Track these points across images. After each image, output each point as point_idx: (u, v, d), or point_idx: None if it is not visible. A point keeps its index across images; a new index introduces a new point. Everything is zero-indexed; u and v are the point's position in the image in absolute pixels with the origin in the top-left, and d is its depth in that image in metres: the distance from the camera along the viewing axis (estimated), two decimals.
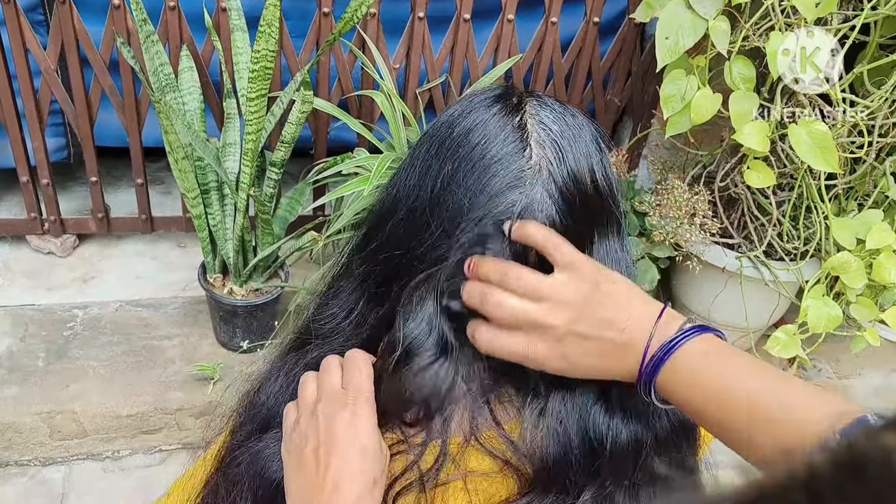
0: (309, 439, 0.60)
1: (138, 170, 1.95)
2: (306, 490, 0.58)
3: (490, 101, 0.62)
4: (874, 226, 1.67)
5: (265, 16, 1.36)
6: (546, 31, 1.93)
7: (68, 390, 1.76)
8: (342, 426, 0.59)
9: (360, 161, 1.79)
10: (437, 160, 0.62)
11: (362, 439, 0.59)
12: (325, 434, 0.59)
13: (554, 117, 0.62)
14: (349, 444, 0.58)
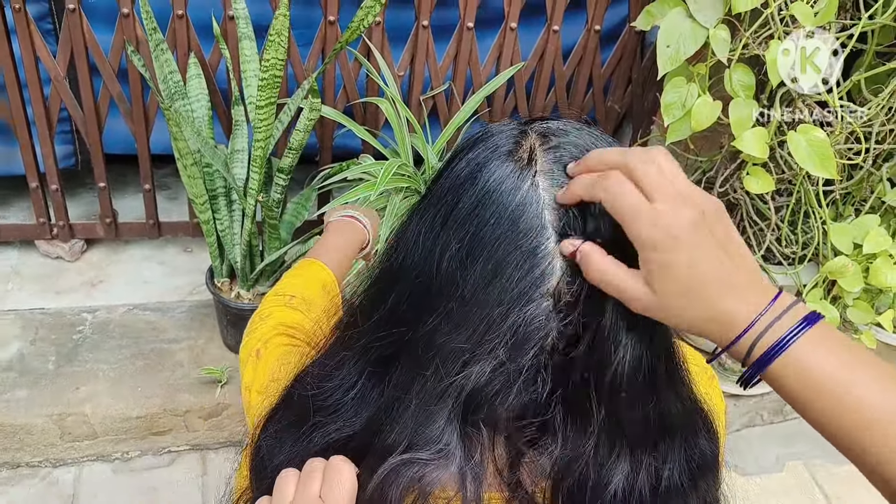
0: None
1: (146, 175, 1.98)
2: None
3: (498, 162, 0.56)
4: (871, 231, 1.71)
5: (274, 25, 1.39)
6: (548, 40, 1.97)
7: (78, 392, 1.79)
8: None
9: (365, 167, 1.83)
10: (445, 233, 0.56)
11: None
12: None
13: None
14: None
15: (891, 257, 1.72)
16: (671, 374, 0.62)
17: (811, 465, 2.12)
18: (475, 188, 0.55)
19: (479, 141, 0.58)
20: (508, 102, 2.05)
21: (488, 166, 0.56)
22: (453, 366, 0.56)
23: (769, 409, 2.18)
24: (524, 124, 0.59)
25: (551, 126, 0.58)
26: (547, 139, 0.57)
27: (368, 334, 0.61)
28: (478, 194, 0.55)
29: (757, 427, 2.19)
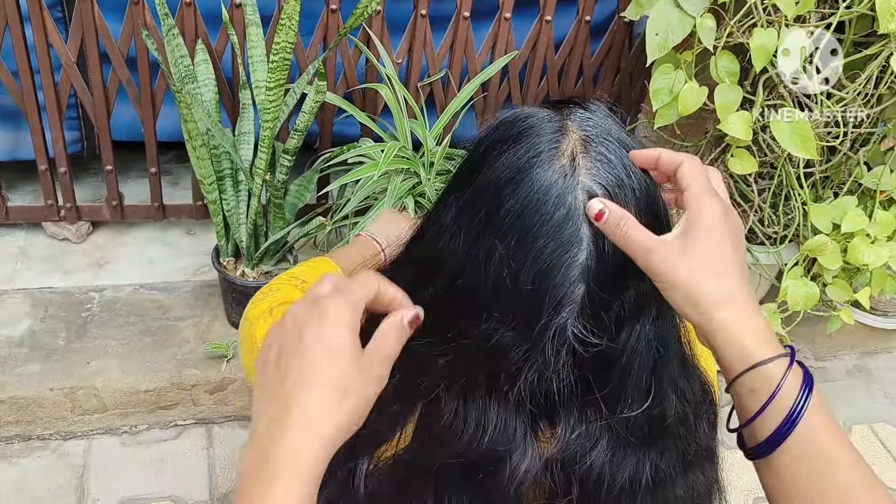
0: (272, 346, 0.54)
1: (152, 159, 2.04)
2: (263, 404, 0.53)
3: (541, 170, 0.59)
4: (849, 211, 1.80)
5: (286, 9, 1.46)
6: (540, 30, 2.05)
7: (89, 367, 1.85)
8: (310, 329, 0.53)
9: (364, 149, 1.90)
10: (487, 236, 0.59)
11: (328, 339, 0.52)
12: (290, 338, 0.53)
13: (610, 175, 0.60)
14: (312, 344, 0.52)
15: (868, 237, 1.81)
16: (683, 361, 0.68)
17: None
18: (518, 195, 0.58)
19: (520, 137, 0.61)
20: (502, 90, 2.13)
21: (531, 174, 0.59)
22: (511, 366, 0.60)
23: None
24: (558, 109, 0.63)
25: (590, 127, 0.61)
26: (587, 144, 0.60)
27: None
28: (522, 202, 0.58)
29: None
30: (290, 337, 0.53)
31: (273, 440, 0.50)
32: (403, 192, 1.86)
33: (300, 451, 0.50)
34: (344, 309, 0.53)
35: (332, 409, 0.51)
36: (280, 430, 0.50)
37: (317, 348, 0.52)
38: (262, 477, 0.49)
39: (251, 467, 0.50)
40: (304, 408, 0.50)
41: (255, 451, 0.51)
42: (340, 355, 0.52)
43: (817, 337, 2.39)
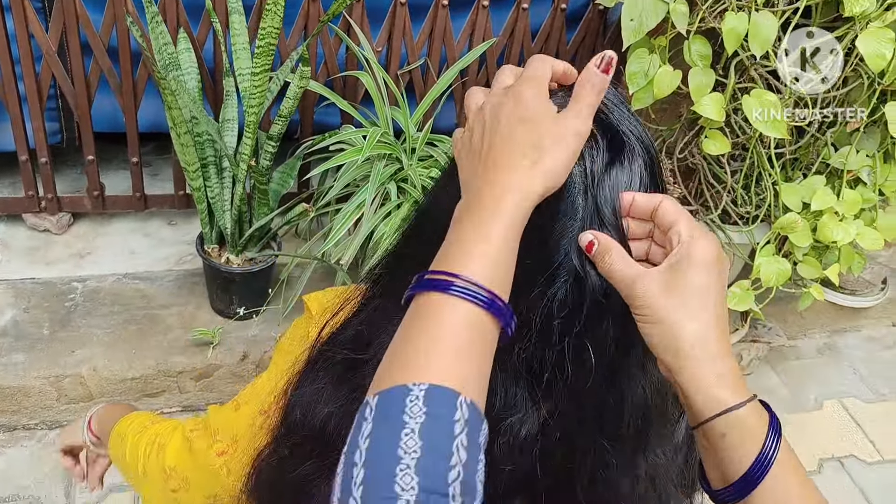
0: (474, 130, 0.60)
1: (133, 149, 2.04)
2: (472, 166, 0.59)
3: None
4: (818, 190, 1.86)
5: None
6: (517, 18, 2.09)
7: (74, 356, 1.86)
8: (506, 108, 0.58)
9: (346, 135, 1.93)
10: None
11: (523, 111, 0.58)
12: (490, 119, 0.59)
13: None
14: (510, 119, 0.58)
15: (836, 215, 1.88)
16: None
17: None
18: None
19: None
20: (481, 77, 2.17)
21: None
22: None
23: None
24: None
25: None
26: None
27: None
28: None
29: None
30: (489, 119, 0.59)
31: (479, 198, 0.57)
32: (386, 178, 1.89)
33: (502, 201, 0.56)
34: (532, 84, 0.58)
35: (528, 170, 0.56)
36: (486, 190, 0.57)
37: (512, 120, 0.57)
38: (472, 221, 0.56)
39: (460, 216, 0.57)
40: (501, 171, 0.57)
41: (465, 207, 0.58)
42: (532, 120, 0.57)
43: (789, 316, 2.46)
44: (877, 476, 2.15)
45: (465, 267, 0.54)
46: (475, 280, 0.53)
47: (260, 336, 1.99)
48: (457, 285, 0.53)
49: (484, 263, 0.54)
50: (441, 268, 0.55)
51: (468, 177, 0.59)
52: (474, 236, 0.55)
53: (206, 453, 0.86)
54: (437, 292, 0.53)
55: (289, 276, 2.02)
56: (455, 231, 0.57)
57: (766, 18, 1.62)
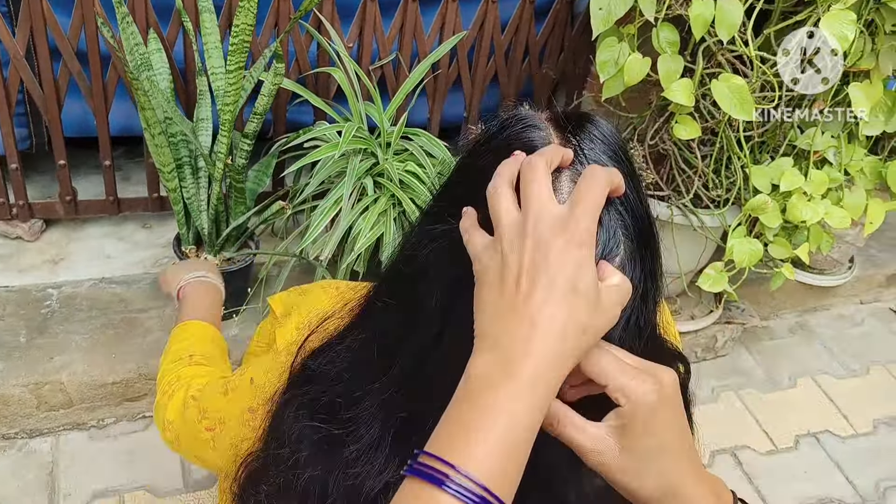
0: (508, 259, 0.53)
1: (105, 152, 2.03)
2: (502, 314, 0.52)
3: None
4: (786, 171, 1.90)
5: None
6: (487, 11, 2.10)
7: (53, 362, 1.84)
8: (558, 253, 0.51)
9: (320, 131, 1.93)
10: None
11: (575, 274, 0.51)
12: (532, 259, 0.51)
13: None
14: (561, 277, 0.51)
15: (804, 195, 1.92)
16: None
17: (742, 394, 2.33)
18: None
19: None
20: (452, 70, 2.19)
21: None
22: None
23: (702, 346, 2.38)
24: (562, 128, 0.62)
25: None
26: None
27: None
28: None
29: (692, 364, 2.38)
30: (531, 259, 0.52)
31: (510, 366, 0.50)
32: (362, 173, 1.89)
33: (539, 380, 0.50)
34: (588, 237, 0.52)
35: (569, 342, 0.51)
36: (520, 362, 0.50)
37: (562, 284, 0.51)
38: (496, 393, 0.50)
39: (485, 384, 0.51)
40: (544, 332, 0.50)
41: (491, 368, 0.51)
42: (585, 294, 0.51)
43: (761, 297, 2.51)
44: (851, 449, 2.20)
45: (467, 460, 0.48)
46: (475, 477, 0.48)
47: (240, 336, 1.99)
48: (452, 481, 0.48)
49: (493, 459, 0.49)
50: (442, 453, 0.49)
51: (490, 326, 0.52)
52: (492, 420, 0.49)
53: (195, 425, 0.87)
54: (430, 485, 0.48)
55: (267, 274, 2.02)
56: (467, 403, 0.51)
57: (731, 4, 1.65)
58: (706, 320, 2.31)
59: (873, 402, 2.38)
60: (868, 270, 2.70)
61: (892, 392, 2.43)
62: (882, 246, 2.82)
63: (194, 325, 1.09)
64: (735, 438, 2.18)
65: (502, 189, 0.55)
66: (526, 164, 0.55)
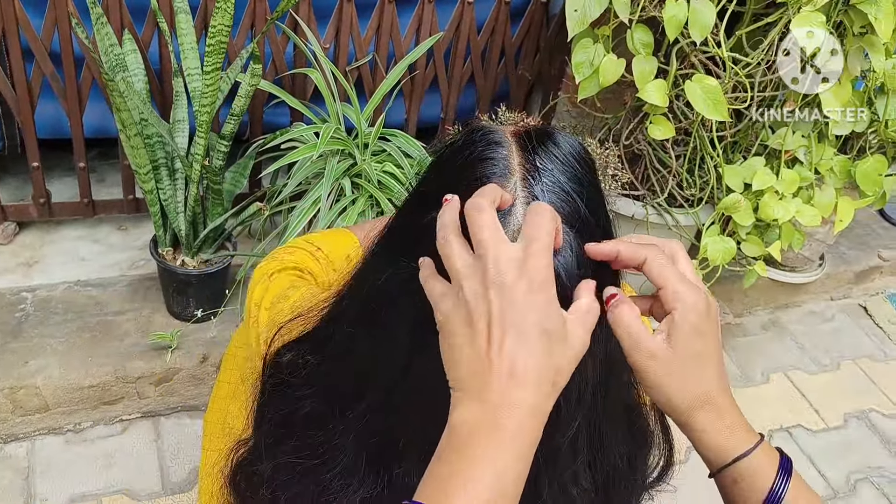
0: (474, 310, 0.52)
1: (80, 153, 2.01)
2: (478, 369, 0.52)
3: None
4: (758, 171, 1.94)
5: None
6: (463, 12, 2.12)
7: (28, 366, 1.82)
8: (523, 300, 0.51)
9: (297, 132, 1.93)
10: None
11: (544, 317, 0.52)
12: (500, 308, 0.51)
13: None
14: (530, 323, 0.51)
15: (776, 193, 1.96)
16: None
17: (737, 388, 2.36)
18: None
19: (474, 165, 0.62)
20: (429, 72, 2.19)
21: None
22: None
23: None
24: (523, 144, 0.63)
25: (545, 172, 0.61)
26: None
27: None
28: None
29: None
30: (498, 308, 0.52)
31: (495, 419, 0.51)
32: (340, 174, 1.90)
33: (525, 427, 0.52)
34: (551, 285, 0.53)
35: (546, 387, 0.52)
36: (505, 412, 0.51)
37: (535, 332, 0.51)
38: (481, 445, 0.51)
39: (468, 437, 0.51)
40: (523, 383, 0.51)
41: (474, 423, 0.52)
42: (554, 334, 0.52)
43: (734, 295, 2.55)
44: (823, 443, 2.25)
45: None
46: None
47: (219, 337, 1.98)
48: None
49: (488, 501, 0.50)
50: (438, 502, 0.50)
51: (469, 382, 0.52)
52: (481, 469, 0.50)
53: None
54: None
55: (245, 276, 2.01)
56: (454, 454, 0.51)
57: (704, 6, 1.68)
58: None
59: (844, 397, 2.42)
60: (838, 267, 2.76)
61: (862, 387, 2.48)
62: (851, 243, 2.88)
63: (349, 237, 0.97)
64: None
65: (451, 237, 0.55)
66: (471, 208, 0.55)
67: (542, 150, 0.62)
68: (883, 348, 2.66)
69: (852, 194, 2.13)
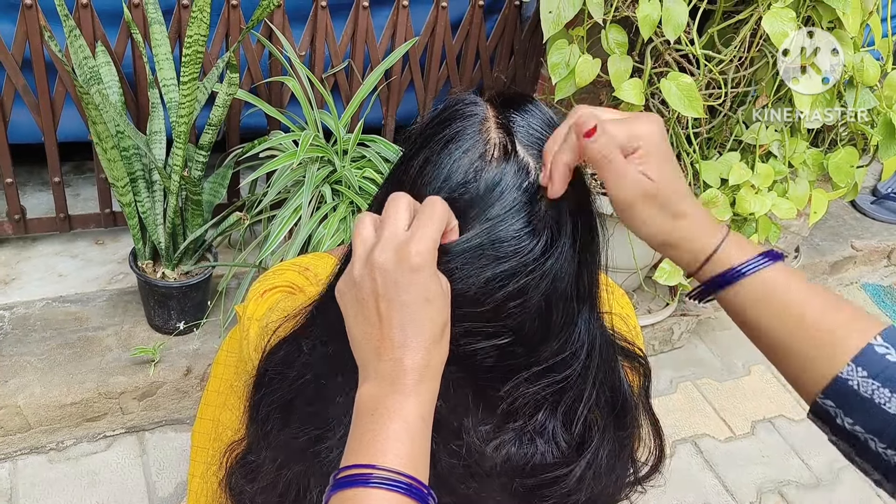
0: (363, 289, 0.58)
1: (54, 168, 1.98)
2: (373, 342, 0.58)
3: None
4: (734, 165, 1.96)
5: (197, 2, 1.48)
6: (437, 15, 2.12)
7: (8, 385, 1.79)
8: (403, 281, 0.56)
9: (276, 141, 1.92)
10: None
11: (424, 291, 0.57)
12: (384, 288, 0.57)
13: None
14: (411, 298, 0.56)
15: (752, 188, 1.98)
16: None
17: (699, 384, 2.39)
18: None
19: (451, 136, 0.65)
20: (405, 76, 2.20)
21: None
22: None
23: (659, 339, 2.43)
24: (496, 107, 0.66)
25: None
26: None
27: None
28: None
29: (650, 357, 2.44)
30: (383, 286, 0.57)
31: (393, 384, 0.57)
32: (320, 181, 1.89)
33: (420, 384, 0.58)
34: (430, 261, 0.57)
35: (436, 347, 0.58)
36: (400, 376, 0.57)
37: (416, 303, 0.57)
38: (387, 407, 0.57)
39: (374, 405, 0.57)
40: (416, 348, 0.57)
41: (376, 395, 0.58)
42: (436, 301, 0.58)
43: None
44: (805, 432, 2.28)
45: (383, 456, 0.55)
46: (395, 468, 0.55)
47: (202, 349, 1.96)
48: (376, 476, 0.54)
49: (402, 448, 0.56)
50: (358, 461, 0.56)
51: (368, 356, 0.59)
52: (392, 422, 0.56)
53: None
54: (357, 487, 0.54)
55: (227, 287, 2.00)
56: (367, 420, 0.57)
57: (676, 4, 1.70)
58: (663, 314, 2.37)
59: None
60: (813, 259, 2.80)
61: None
62: (825, 235, 2.93)
63: (329, 258, 1.00)
64: (694, 427, 2.24)
65: (363, 217, 0.61)
66: (391, 197, 0.60)
67: (516, 107, 0.65)
68: None
69: (825, 186, 2.16)
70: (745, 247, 0.63)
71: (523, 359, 0.65)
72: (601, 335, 0.70)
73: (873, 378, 0.56)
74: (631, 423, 0.76)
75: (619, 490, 0.77)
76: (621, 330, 0.79)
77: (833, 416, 0.58)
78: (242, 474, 0.77)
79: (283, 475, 0.71)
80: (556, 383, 0.67)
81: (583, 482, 0.70)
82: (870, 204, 3.10)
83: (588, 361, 0.68)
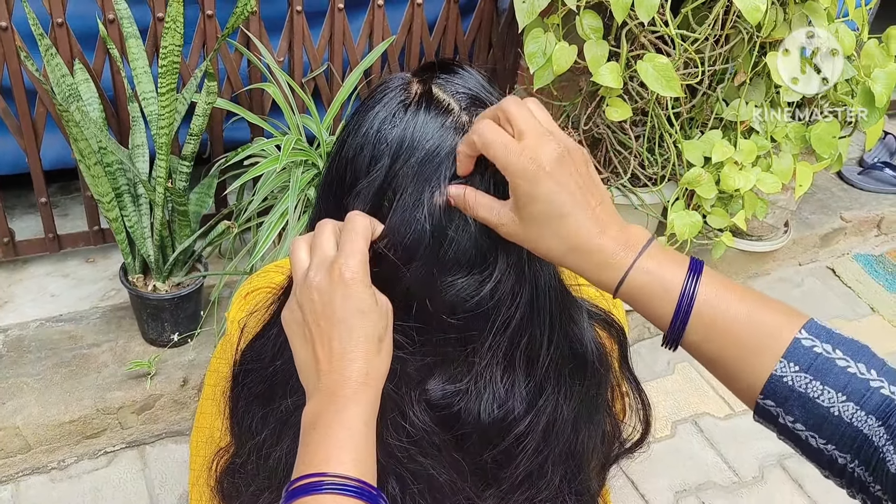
0: (304, 310, 0.61)
1: (40, 189, 1.99)
2: (313, 362, 0.61)
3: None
4: (716, 143, 1.97)
5: (169, 12, 1.48)
6: (413, 14, 2.13)
7: (6, 407, 1.79)
8: (338, 296, 0.59)
9: (259, 147, 1.93)
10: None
11: (358, 303, 0.59)
12: (321, 306, 0.60)
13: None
14: (346, 311, 0.59)
15: (736, 164, 1.99)
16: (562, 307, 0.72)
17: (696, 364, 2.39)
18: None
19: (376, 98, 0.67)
20: (385, 76, 2.20)
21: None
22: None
23: None
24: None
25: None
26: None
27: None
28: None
29: (646, 340, 2.45)
30: (320, 306, 0.60)
31: (333, 397, 0.60)
32: (305, 185, 1.89)
33: (360, 393, 0.60)
34: (361, 274, 0.60)
35: (375, 357, 0.61)
36: (339, 389, 0.60)
37: (351, 318, 0.59)
38: (331, 418, 0.59)
39: (315, 421, 0.59)
40: (354, 360, 0.60)
41: (319, 409, 0.60)
42: (370, 314, 0.60)
43: None
44: None
45: (331, 463, 0.57)
46: (344, 473, 0.57)
47: (198, 360, 1.96)
48: (327, 483, 0.56)
49: (348, 454, 0.58)
50: (308, 471, 0.57)
51: (310, 377, 0.61)
52: (335, 431, 0.58)
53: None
54: (309, 496, 0.56)
55: (219, 296, 2.00)
56: (311, 433, 0.59)
57: None
58: None
59: None
60: (803, 233, 2.81)
61: None
62: (813, 208, 2.94)
63: None
64: (694, 407, 2.24)
65: (297, 242, 0.64)
66: (318, 225, 0.63)
67: (441, 73, 0.67)
68: (854, 307, 2.72)
69: (809, 159, 2.17)
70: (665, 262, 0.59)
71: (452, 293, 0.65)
72: (548, 283, 0.69)
73: (805, 372, 0.55)
74: (596, 378, 0.75)
75: (592, 451, 0.77)
76: (592, 297, 0.81)
77: (775, 416, 0.57)
78: (232, 477, 0.77)
79: (269, 456, 0.72)
80: (503, 327, 0.66)
81: (547, 437, 0.70)
82: (857, 175, 3.11)
83: (535, 304, 0.67)
